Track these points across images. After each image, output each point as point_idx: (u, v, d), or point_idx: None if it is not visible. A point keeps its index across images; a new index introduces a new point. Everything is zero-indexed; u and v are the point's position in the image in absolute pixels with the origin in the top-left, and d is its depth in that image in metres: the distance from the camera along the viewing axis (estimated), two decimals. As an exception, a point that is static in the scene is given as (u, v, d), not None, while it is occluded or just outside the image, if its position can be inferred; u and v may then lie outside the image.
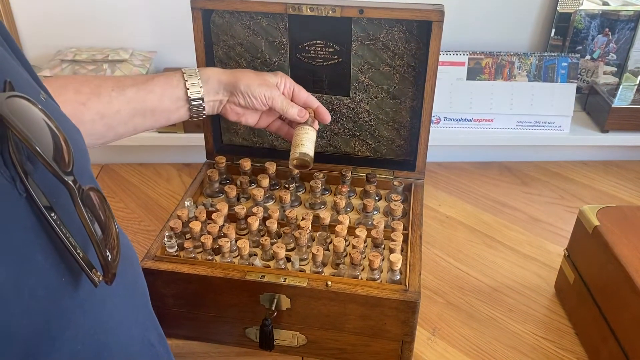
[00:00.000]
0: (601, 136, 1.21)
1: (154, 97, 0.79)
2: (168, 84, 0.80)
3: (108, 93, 0.76)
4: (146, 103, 0.79)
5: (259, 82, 0.83)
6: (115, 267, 0.41)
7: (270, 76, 0.85)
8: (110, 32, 1.22)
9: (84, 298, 0.39)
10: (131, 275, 0.50)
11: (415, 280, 0.73)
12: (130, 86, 0.78)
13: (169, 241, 0.78)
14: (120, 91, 0.77)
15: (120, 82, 0.78)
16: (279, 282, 0.73)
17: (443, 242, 1.03)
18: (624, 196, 1.16)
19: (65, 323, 0.37)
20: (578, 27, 1.21)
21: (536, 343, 0.83)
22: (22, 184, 0.35)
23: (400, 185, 0.92)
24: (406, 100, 0.94)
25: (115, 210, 1.10)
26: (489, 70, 1.18)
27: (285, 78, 0.86)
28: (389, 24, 0.87)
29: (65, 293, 0.38)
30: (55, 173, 0.36)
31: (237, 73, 0.83)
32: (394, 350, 0.76)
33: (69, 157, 0.38)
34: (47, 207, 0.36)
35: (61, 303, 0.37)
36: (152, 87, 0.79)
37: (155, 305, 0.79)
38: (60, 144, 0.38)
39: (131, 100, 0.78)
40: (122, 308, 0.46)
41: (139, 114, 0.79)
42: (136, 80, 0.79)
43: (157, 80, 0.80)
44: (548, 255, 1.00)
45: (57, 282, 0.37)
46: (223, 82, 0.82)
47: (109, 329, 0.43)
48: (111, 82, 0.78)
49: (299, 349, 0.79)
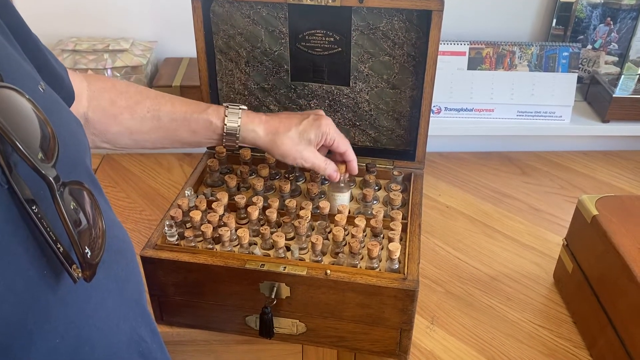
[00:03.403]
0: (602, 126, 1.21)
1: (189, 134, 0.77)
2: (208, 128, 0.77)
3: (143, 113, 0.74)
4: (178, 136, 0.77)
5: (296, 149, 0.78)
6: (95, 264, 0.40)
7: (312, 130, 0.78)
8: (110, 22, 1.22)
9: (65, 292, 0.39)
10: (124, 270, 0.50)
11: (414, 269, 0.74)
12: (168, 113, 0.75)
13: (169, 230, 0.79)
14: (156, 114, 0.75)
15: (159, 104, 0.76)
16: (278, 270, 0.73)
17: (443, 231, 1.03)
18: (624, 186, 1.16)
19: (45, 317, 0.37)
20: (579, 16, 1.20)
21: (534, 331, 0.84)
22: (4, 175, 0.35)
23: (399, 175, 0.92)
24: (406, 90, 0.94)
25: (116, 200, 1.11)
26: (489, 60, 1.17)
27: (328, 129, 0.79)
28: (389, 13, 0.87)
29: (47, 287, 0.37)
30: (34, 167, 0.36)
31: (276, 138, 0.77)
32: (393, 338, 0.77)
33: (55, 150, 0.38)
34: (29, 200, 0.36)
35: (41, 297, 0.37)
36: (191, 124, 0.76)
37: (156, 294, 0.81)
38: (48, 136, 0.38)
39: (164, 128, 0.76)
40: (111, 303, 0.46)
41: (168, 141, 0.78)
42: (175, 109, 0.76)
43: (198, 119, 0.76)
44: (547, 244, 1.00)
45: (38, 275, 0.37)
46: (260, 144, 0.79)
47: (93, 324, 0.42)
48: (149, 102, 0.75)
49: (299, 336, 0.80)
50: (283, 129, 0.77)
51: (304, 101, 0.98)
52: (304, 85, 0.96)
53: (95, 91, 0.73)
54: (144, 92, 0.77)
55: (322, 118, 0.79)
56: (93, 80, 0.75)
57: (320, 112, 0.82)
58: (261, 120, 0.78)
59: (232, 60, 0.96)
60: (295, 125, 0.78)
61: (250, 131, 0.77)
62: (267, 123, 0.78)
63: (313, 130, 0.78)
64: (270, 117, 0.79)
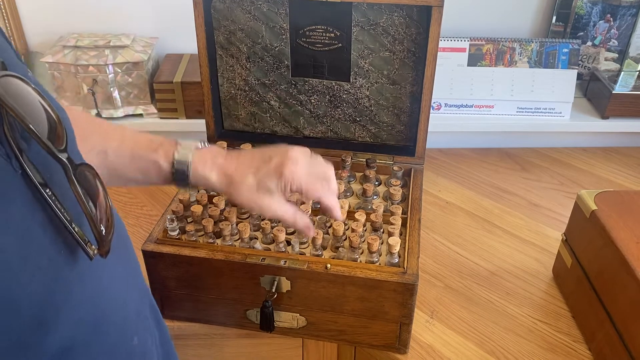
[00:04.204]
0: (601, 122, 1.21)
1: (139, 174, 0.67)
2: (157, 170, 0.67)
3: (87, 149, 0.63)
4: (128, 175, 0.68)
5: (252, 199, 0.66)
6: (109, 241, 0.42)
7: (272, 179, 0.65)
8: (112, 18, 1.23)
9: (82, 271, 0.41)
10: (124, 251, 0.52)
11: (414, 263, 0.74)
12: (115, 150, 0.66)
13: (170, 224, 0.79)
14: (102, 150, 0.66)
15: (107, 139, 0.66)
16: (279, 264, 0.74)
17: (443, 227, 1.04)
18: (623, 182, 1.17)
19: (67, 292, 0.39)
20: (579, 13, 1.21)
21: (533, 326, 0.84)
22: (17, 161, 0.36)
23: (399, 171, 0.92)
24: (406, 85, 0.94)
25: (118, 195, 1.11)
26: (489, 56, 1.18)
27: (292, 176, 0.65)
28: (389, 9, 0.88)
29: (66, 265, 0.39)
30: (50, 151, 0.37)
31: (231, 188, 0.66)
32: (393, 331, 0.77)
33: (63, 135, 0.39)
34: (41, 184, 0.37)
35: (62, 273, 0.39)
36: (139, 163, 0.67)
37: (157, 288, 0.81)
38: (54, 122, 0.39)
39: (111, 167, 0.66)
40: (118, 282, 0.48)
41: (120, 180, 0.69)
42: (123, 145, 0.66)
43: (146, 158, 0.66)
44: (546, 240, 1.00)
45: (57, 254, 0.38)
46: (216, 191, 0.70)
47: (107, 301, 0.44)
48: (97, 138, 0.66)
49: (299, 330, 0.81)
50: (238, 177, 0.66)
51: (305, 97, 0.98)
52: (304, 81, 0.97)
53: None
54: (95, 124, 0.67)
55: (286, 162, 0.65)
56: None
57: (291, 153, 0.67)
58: (214, 164, 0.66)
59: (233, 56, 0.97)
60: (253, 172, 0.66)
61: (202, 177, 0.66)
62: (222, 169, 0.66)
63: (273, 178, 0.65)
64: (229, 159, 0.67)
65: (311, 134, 1.02)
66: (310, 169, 0.68)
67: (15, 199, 0.36)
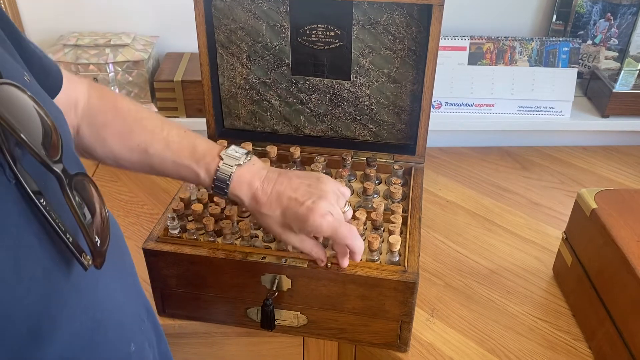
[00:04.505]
0: (602, 121, 1.21)
1: (177, 177, 0.69)
2: (196, 180, 0.69)
3: (133, 146, 0.67)
4: (166, 174, 0.70)
5: (277, 231, 0.68)
6: (104, 252, 0.41)
7: (296, 224, 0.65)
8: (112, 16, 1.23)
9: (77, 279, 0.40)
10: (118, 254, 0.51)
11: (414, 262, 0.74)
12: (158, 154, 0.67)
13: (171, 223, 0.79)
14: (145, 149, 0.67)
15: (151, 140, 0.67)
16: (279, 263, 0.74)
17: (443, 225, 1.04)
18: (624, 181, 1.17)
19: (63, 303, 0.39)
20: (580, 11, 1.21)
21: (533, 324, 0.84)
22: (11, 170, 0.36)
23: (400, 169, 0.92)
24: (407, 84, 0.94)
25: (118, 194, 1.11)
26: (490, 55, 1.18)
27: (318, 225, 0.64)
28: (389, 7, 0.88)
29: (61, 275, 0.39)
30: (43, 162, 0.37)
31: (259, 215, 0.68)
32: (393, 330, 0.77)
33: (59, 144, 0.39)
34: (36, 192, 0.37)
35: (57, 284, 0.38)
36: (180, 171, 0.68)
37: (158, 287, 0.81)
38: (50, 131, 0.38)
39: (152, 166, 0.69)
40: (114, 287, 0.47)
41: (155, 174, 0.72)
42: (166, 153, 0.67)
43: (187, 168, 0.67)
44: (547, 238, 1.01)
45: (52, 264, 0.38)
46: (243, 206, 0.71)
47: (104, 307, 0.44)
48: (144, 136, 0.67)
49: (300, 328, 0.81)
50: (267, 208, 0.67)
51: (305, 95, 0.98)
52: (305, 80, 0.97)
53: (93, 108, 0.67)
54: (143, 120, 0.68)
55: (314, 214, 0.64)
56: (95, 93, 0.68)
57: (321, 205, 0.65)
58: (250, 188, 0.67)
59: (233, 55, 0.97)
60: (282, 210, 0.66)
61: (237, 197, 0.68)
62: (255, 194, 0.67)
63: (298, 223, 0.65)
64: (265, 184, 0.67)
65: (312, 132, 1.02)
66: (340, 212, 0.67)
67: (10, 209, 0.35)
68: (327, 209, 0.64)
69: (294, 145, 0.94)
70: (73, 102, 0.65)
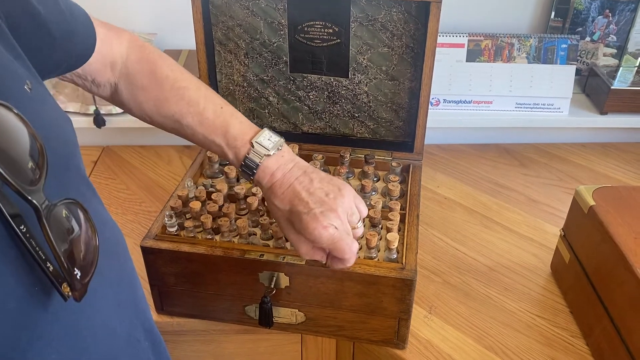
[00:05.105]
0: (600, 118, 1.21)
1: (206, 149, 0.71)
2: (224, 158, 0.70)
3: (168, 114, 0.68)
4: (194, 141, 0.71)
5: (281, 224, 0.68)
6: (85, 284, 0.39)
7: (301, 227, 0.64)
8: (109, 14, 1.22)
9: (58, 308, 0.39)
10: (117, 273, 0.49)
11: (412, 259, 0.74)
12: (191, 127, 0.68)
13: (169, 220, 0.79)
14: (179, 120, 0.68)
15: (187, 113, 0.68)
16: (277, 260, 0.74)
17: (441, 223, 1.04)
18: (622, 178, 1.17)
19: (38, 334, 0.37)
20: (578, 8, 1.20)
21: (531, 321, 0.84)
22: None
23: (398, 167, 0.92)
24: (405, 81, 0.94)
25: (116, 192, 1.11)
26: (488, 52, 1.18)
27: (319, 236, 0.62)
28: (387, 4, 0.87)
29: (38, 304, 0.37)
30: (19, 192, 0.35)
31: (271, 204, 0.68)
32: (391, 327, 0.77)
33: (43, 169, 0.37)
34: (16, 216, 0.35)
35: (33, 314, 0.37)
36: (210, 147, 0.69)
37: (156, 284, 0.81)
38: (36, 155, 0.37)
39: (184, 135, 0.70)
40: (105, 309, 0.45)
41: (182, 137, 0.72)
42: (198, 129, 0.68)
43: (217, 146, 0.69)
44: (545, 235, 1.01)
45: (28, 293, 0.36)
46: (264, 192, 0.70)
47: (89, 333, 0.42)
48: (180, 106, 0.68)
49: (298, 326, 0.81)
50: (279, 199, 0.66)
51: (303, 93, 0.98)
52: (303, 77, 0.97)
53: (131, 70, 0.67)
54: (180, 90, 0.68)
55: (318, 220, 0.62)
56: (134, 56, 0.68)
57: (337, 205, 0.64)
58: (273, 178, 0.67)
59: (231, 52, 0.97)
60: (291, 206, 0.65)
61: (259, 183, 0.68)
62: (275, 185, 0.67)
63: (300, 226, 0.64)
64: (287, 178, 0.66)
65: (310, 130, 1.02)
66: (346, 227, 0.65)
67: None
68: (332, 222, 0.62)
69: (292, 143, 0.94)
70: (109, 62, 0.66)
